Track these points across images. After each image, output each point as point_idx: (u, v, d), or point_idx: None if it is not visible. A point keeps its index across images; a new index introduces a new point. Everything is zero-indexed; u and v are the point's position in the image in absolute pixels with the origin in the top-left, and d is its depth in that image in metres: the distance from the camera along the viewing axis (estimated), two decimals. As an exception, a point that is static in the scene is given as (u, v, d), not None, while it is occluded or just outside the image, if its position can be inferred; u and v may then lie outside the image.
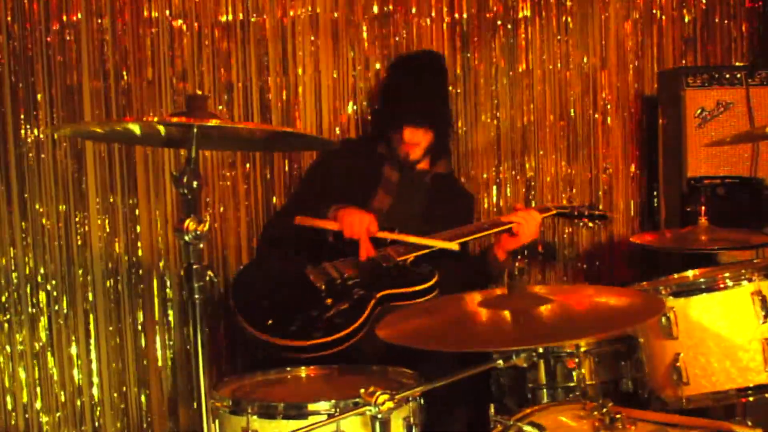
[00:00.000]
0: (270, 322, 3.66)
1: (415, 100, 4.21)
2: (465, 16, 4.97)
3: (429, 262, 3.97)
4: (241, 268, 4.40)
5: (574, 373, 3.48)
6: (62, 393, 4.43)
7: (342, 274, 3.87)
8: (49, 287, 4.38)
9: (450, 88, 4.84)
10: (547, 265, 5.16)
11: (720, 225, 4.04)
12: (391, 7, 4.85)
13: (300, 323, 3.66)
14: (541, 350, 3.49)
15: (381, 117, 4.44)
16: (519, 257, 5.04)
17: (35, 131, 4.34)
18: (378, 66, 4.84)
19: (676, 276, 3.63)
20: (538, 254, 5.14)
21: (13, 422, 4.36)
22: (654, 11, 5.23)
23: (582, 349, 3.50)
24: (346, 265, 3.93)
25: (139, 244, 4.50)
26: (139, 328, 4.53)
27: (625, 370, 3.51)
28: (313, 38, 4.73)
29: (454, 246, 4.00)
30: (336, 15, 4.77)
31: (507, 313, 2.76)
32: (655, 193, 5.16)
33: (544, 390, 3.55)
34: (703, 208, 4.01)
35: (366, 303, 3.72)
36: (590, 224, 4.49)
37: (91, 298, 4.44)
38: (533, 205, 4.99)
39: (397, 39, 4.88)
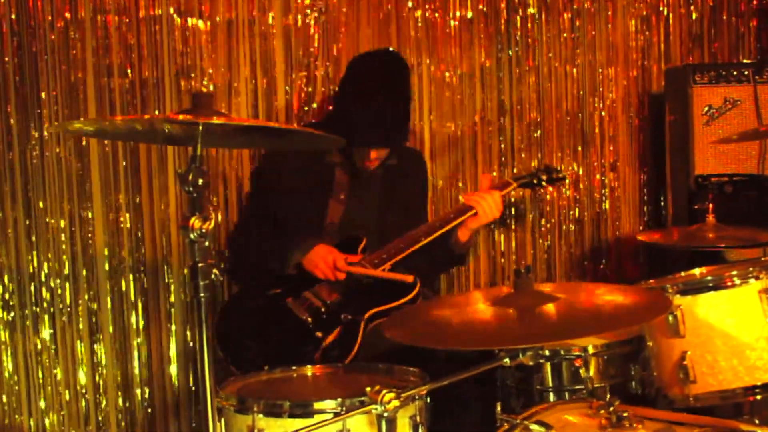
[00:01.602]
0: (266, 368, 3.60)
1: (383, 122, 3.96)
2: (470, 14, 4.95)
3: (402, 263, 3.92)
4: (219, 311, 4.20)
5: (582, 373, 3.47)
6: (66, 392, 4.42)
7: (324, 301, 3.83)
8: (53, 285, 4.37)
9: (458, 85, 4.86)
10: (552, 263, 5.15)
11: (727, 222, 4.03)
12: (398, 4, 4.84)
13: (296, 364, 3.61)
14: (548, 352, 3.48)
15: (342, 128, 3.72)
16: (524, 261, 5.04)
17: (39, 129, 4.32)
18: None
19: (683, 274, 3.61)
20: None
21: (17, 421, 4.36)
22: (661, 8, 5.23)
23: (590, 351, 3.49)
24: (327, 290, 3.87)
25: (144, 242, 4.49)
26: (144, 326, 4.52)
27: (633, 372, 3.50)
28: (318, 35, 4.72)
29: (408, 279, 3.85)
30: (340, 11, 4.75)
31: (513, 311, 2.76)
32: (662, 189, 5.15)
33: (551, 393, 3.55)
34: (710, 205, 4.01)
35: (356, 328, 3.71)
36: (550, 188, 4.43)
37: (95, 296, 4.43)
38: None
39: (405, 36, 4.87)
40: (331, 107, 4.69)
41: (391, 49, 4.71)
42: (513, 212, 5.11)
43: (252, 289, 4.09)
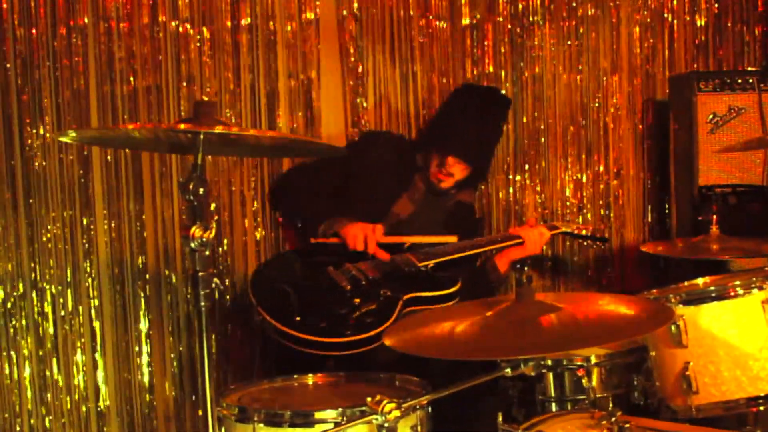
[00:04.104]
0: (298, 318, 3.65)
1: (471, 137, 4.26)
2: (474, 21, 4.95)
3: (444, 271, 3.99)
4: (257, 267, 4.40)
5: (584, 383, 3.46)
6: (67, 399, 4.41)
7: (366, 275, 3.87)
8: (54, 293, 4.36)
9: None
10: (556, 273, 5.13)
11: (731, 233, 4.02)
12: (402, 11, 4.83)
13: (330, 321, 3.67)
14: (550, 362, 3.48)
15: (432, 134, 4.45)
16: (526, 267, 5.02)
17: (41, 136, 4.31)
18: (399, 70, 4.85)
19: (686, 284, 3.60)
20: (547, 261, 5.13)
21: (18, 428, 4.35)
22: (665, 15, 5.20)
23: (593, 361, 3.48)
24: (368, 268, 3.94)
25: (145, 249, 4.47)
26: (145, 334, 4.50)
27: (636, 383, 3.48)
28: (321, 42, 4.71)
29: (453, 239, 4.12)
30: (345, 17, 4.75)
31: (515, 322, 2.75)
32: (666, 197, 5.13)
33: (554, 403, 3.54)
34: (714, 217, 4.00)
35: (394, 304, 3.74)
36: (593, 245, 4.61)
37: (96, 303, 4.42)
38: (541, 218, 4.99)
39: (409, 42, 4.86)
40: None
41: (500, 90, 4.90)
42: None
43: (293, 255, 4.29)
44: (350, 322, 3.67)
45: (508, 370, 2.80)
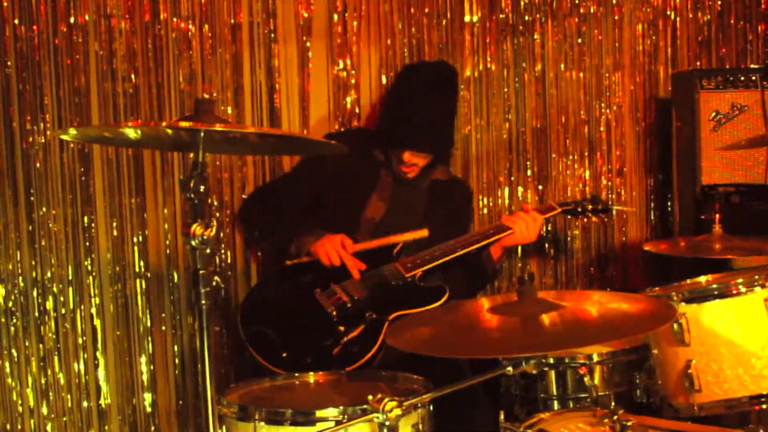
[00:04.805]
0: (284, 355, 3.68)
1: (421, 126, 4.06)
2: (475, 18, 4.94)
3: (435, 273, 3.96)
4: (247, 294, 4.37)
5: (586, 381, 3.45)
6: (69, 397, 4.40)
7: (352, 296, 3.85)
8: (55, 291, 4.35)
9: (461, 90, 4.81)
10: (558, 271, 5.13)
11: (734, 232, 4.01)
12: (404, 8, 4.82)
13: (316, 355, 3.68)
14: (552, 360, 3.47)
15: (382, 131, 4.26)
16: (528, 266, 5.03)
17: (42, 134, 4.30)
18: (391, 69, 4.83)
19: (688, 282, 3.59)
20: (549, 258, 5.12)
21: (19, 426, 4.34)
22: (668, 12, 5.20)
23: (595, 359, 3.48)
24: (356, 286, 3.91)
25: (146, 247, 4.47)
26: (147, 332, 4.50)
27: (638, 381, 3.48)
28: (321, 40, 4.70)
29: (423, 233, 4.02)
30: (346, 15, 4.74)
31: (516, 320, 2.74)
32: (669, 195, 5.13)
33: (555, 401, 3.53)
34: (717, 216, 3.99)
35: (379, 328, 3.72)
36: (594, 219, 4.49)
37: (98, 301, 4.41)
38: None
39: (410, 40, 4.85)
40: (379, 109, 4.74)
41: (445, 61, 4.72)
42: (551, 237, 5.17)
43: (278, 281, 4.18)
44: (335, 354, 3.68)
45: (510, 368, 2.79)
